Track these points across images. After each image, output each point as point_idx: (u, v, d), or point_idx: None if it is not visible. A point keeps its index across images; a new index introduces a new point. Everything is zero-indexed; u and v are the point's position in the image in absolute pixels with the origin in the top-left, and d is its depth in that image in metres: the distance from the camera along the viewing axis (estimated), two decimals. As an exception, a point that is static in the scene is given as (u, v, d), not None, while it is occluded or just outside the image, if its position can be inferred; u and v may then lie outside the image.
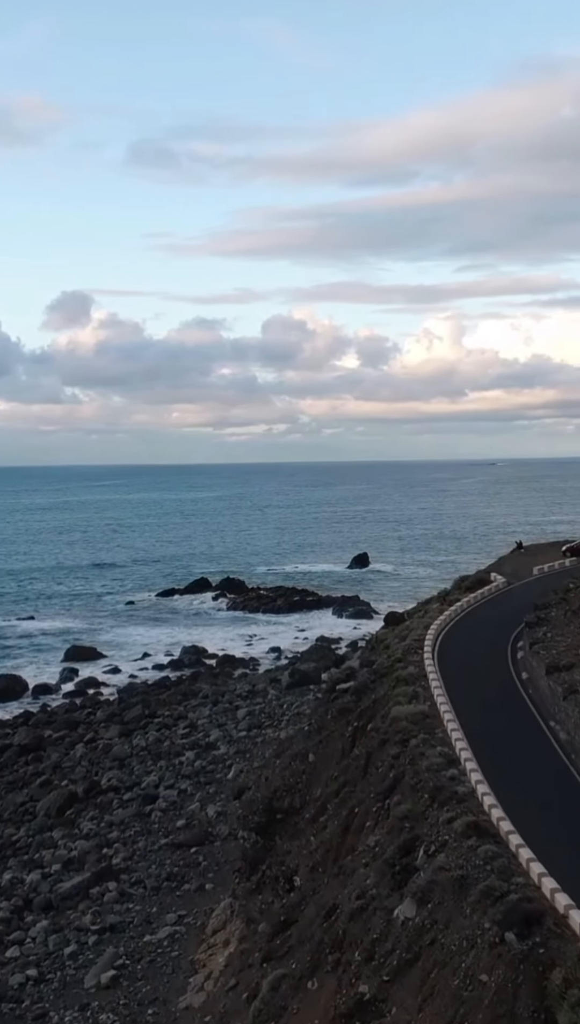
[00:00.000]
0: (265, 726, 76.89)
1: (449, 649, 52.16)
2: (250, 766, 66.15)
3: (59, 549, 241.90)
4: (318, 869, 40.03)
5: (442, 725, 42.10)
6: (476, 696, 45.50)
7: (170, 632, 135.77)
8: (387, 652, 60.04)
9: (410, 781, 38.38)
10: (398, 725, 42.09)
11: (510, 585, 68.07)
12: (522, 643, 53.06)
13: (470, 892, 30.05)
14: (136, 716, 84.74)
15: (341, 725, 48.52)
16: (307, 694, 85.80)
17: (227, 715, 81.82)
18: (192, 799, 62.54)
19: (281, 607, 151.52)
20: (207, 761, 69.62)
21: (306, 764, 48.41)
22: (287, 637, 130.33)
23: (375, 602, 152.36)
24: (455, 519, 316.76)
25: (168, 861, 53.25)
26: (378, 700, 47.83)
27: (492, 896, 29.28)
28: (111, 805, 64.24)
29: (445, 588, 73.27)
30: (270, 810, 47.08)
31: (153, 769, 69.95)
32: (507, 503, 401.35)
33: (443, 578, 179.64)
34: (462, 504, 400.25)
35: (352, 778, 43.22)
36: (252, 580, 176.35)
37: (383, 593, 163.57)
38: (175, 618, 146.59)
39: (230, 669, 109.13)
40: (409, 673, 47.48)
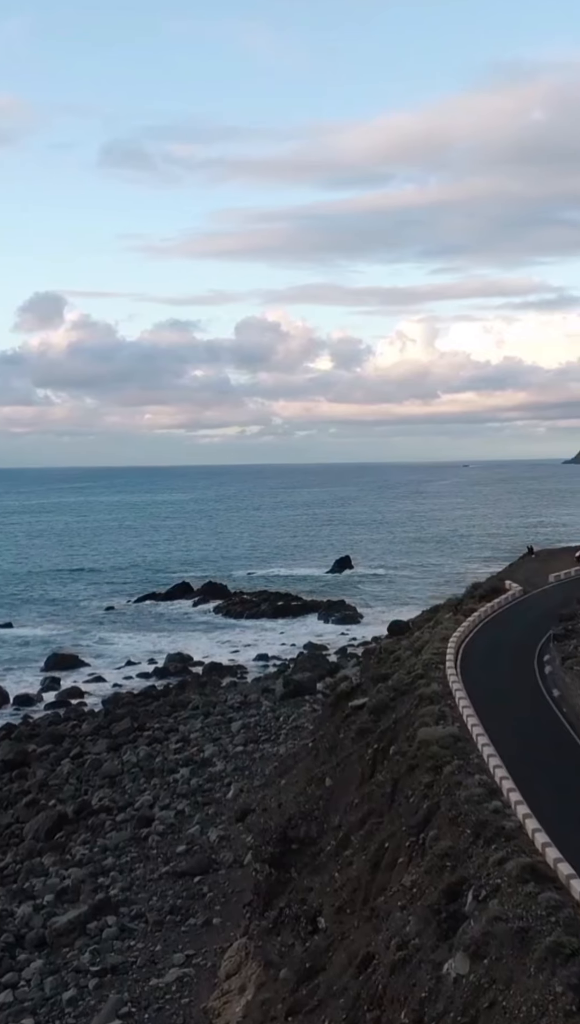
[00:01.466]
0: (262, 740, 73.37)
1: (472, 664, 48.93)
2: (250, 785, 62.67)
3: (33, 553, 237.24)
4: (345, 910, 36.60)
5: (476, 750, 38.81)
6: (507, 716, 42.28)
7: (153, 639, 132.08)
8: (398, 664, 56.77)
9: (448, 813, 35.05)
10: (429, 750, 38.74)
11: (526, 593, 65.01)
12: (548, 656, 49.95)
13: (534, 947, 26.70)
14: (125, 729, 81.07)
15: (360, 747, 45.15)
16: (303, 705, 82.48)
17: (220, 728, 78.26)
18: (191, 821, 58.94)
19: (265, 612, 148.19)
20: (203, 779, 66.02)
21: (322, 789, 45.01)
22: (274, 643, 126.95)
23: (361, 607, 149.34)
24: (434, 522, 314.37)
25: (170, 892, 49.64)
26: (400, 720, 44.50)
27: (562, 954, 25.91)
28: (103, 827, 60.59)
29: (454, 596, 70.14)
30: (285, 839, 43.64)
31: (146, 787, 66.30)
32: (485, 505, 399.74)
33: (428, 582, 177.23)
34: (439, 506, 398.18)
35: (378, 807, 39.84)
36: (233, 584, 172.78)
37: (368, 598, 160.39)
38: (157, 624, 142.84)
39: (218, 678, 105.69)
40: (433, 691, 44.18)
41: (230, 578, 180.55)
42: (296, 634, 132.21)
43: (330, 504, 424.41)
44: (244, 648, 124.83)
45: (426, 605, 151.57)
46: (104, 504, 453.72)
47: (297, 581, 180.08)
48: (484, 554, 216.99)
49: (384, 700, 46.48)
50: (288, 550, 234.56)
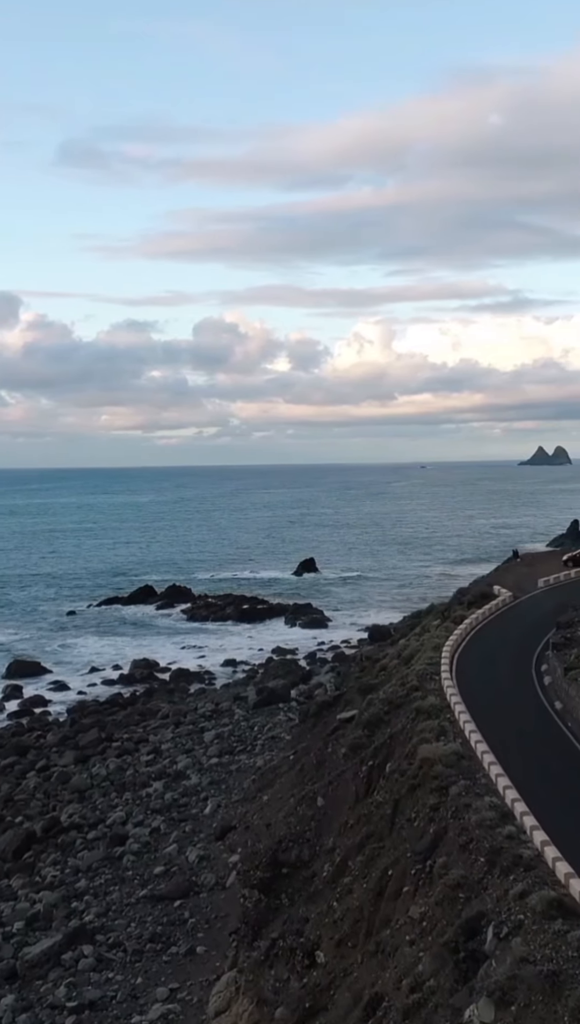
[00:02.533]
0: (237, 751, 70.63)
1: (468, 674, 46.56)
2: (229, 800, 59.97)
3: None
4: (347, 943, 34.06)
5: (482, 768, 36.44)
6: (510, 731, 39.96)
7: (117, 644, 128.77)
8: (386, 675, 54.41)
9: (457, 839, 32.63)
10: (432, 769, 36.35)
11: (516, 599, 62.82)
12: (546, 666, 47.75)
13: (567, 994, 24.40)
14: (92, 740, 78.05)
15: (353, 764, 42.66)
16: (277, 713, 79.90)
17: (193, 738, 75.45)
18: (167, 839, 56.11)
19: (231, 616, 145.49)
20: (178, 793, 63.20)
21: (314, 809, 42.45)
22: (241, 648, 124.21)
23: (328, 611, 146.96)
24: (397, 524, 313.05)
25: (149, 918, 46.78)
26: (395, 736, 42.06)
27: (599, 1002, 23.73)
28: (74, 846, 57.65)
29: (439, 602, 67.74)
30: (275, 863, 41.06)
31: (118, 802, 63.38)
32: (446, 507, 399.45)
33: (394, 584, 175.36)
34: (401, 508, 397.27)
35: (377, 830, 37.34)
36: (197, 587, 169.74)
37: (335, 601, 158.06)
38: (121, 629, 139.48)
39: (185, 684, 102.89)
40: (430, 704, 41.77)
41: (193, 581, 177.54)
42: (263, 639, 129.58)
43: (291, 506, 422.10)
44: (211, 653, 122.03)
45: (394, 608, 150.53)
46: (62, 506, 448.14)
47: (262, 584, 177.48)
48: (449, 556, 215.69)
49: (377, 714, 44.03)
50: (251, 552, 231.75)
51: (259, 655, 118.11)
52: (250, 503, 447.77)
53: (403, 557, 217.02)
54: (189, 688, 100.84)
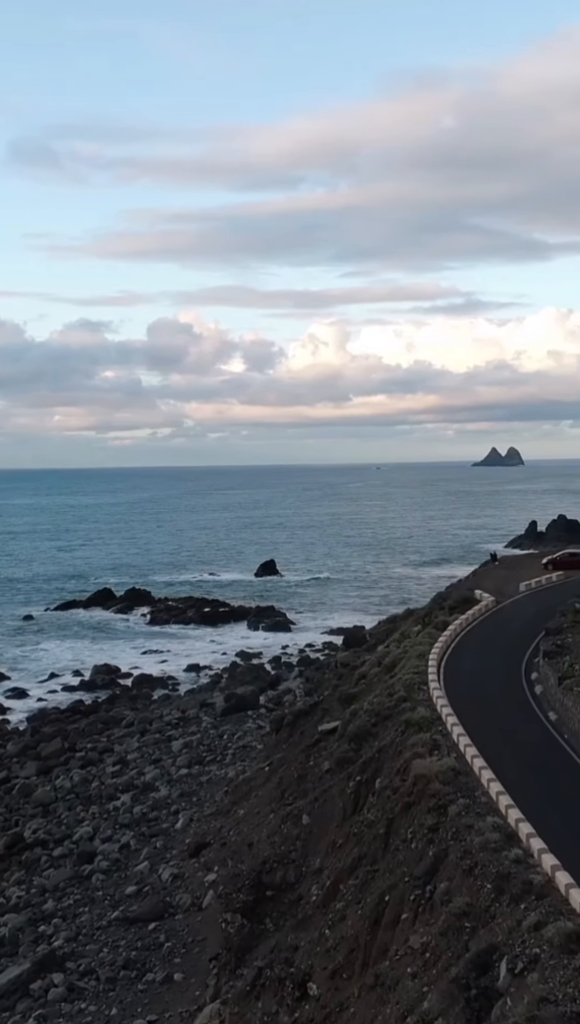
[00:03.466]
0: (207, 761, 68.24)
1: (456, 684, 44.61)
2: (201, 813, 57.62)
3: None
4: (342, 974, 31.95)
5: (481, 785, 34.49)
6: (506, 744, 38.09)
7: (76, 649, 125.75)
8: (367, 684, 52.42)
9: (460, 863, 30.67)
10: (429, 787, 34.38)
11: (499, 604, 61.05)
12: (537, 675, 45.96)
13: (596, 1037, 22.57)
14: (55, 750, 75.31)
15: (340, 779, 40.62)
16: (246, 721, 77.63)
17: (160, 748, 72.96)
18: (137, 856, 53.66)
19: (192, 619, 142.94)
20: (147, 806, 60.73)
21: (299, 828, 40.35)
22: (204, 652, 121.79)
23: (291, 613, 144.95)
24: (356, 525, 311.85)
25: (122, 942, 44.32)
26: (384, 749, 40.08)
27: (633, 1047, 21.87)
28: (39, 864, 55.05)
29: (409, 608, 65.87)
30: (259, 885, 38.92)
31: (85, 817, 60.82)
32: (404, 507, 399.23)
33: (356, 586, 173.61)
34: (359, 509, 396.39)
35: (370, 851, 35.31)
36: (157, 590, 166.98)
37: (297, 603, 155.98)
38: (80, 633, 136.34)
39: (149, 690, 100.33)
40: (421, 716, 39.80)
41: (153, 584, 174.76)
42: (226, 642, 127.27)
43: (248, 507, 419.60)
44: (173, 657, 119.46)
45: (358, 611, 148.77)
46: (14, 507, 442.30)
47: (222, 587, 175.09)
48: (411, 558, 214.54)
49: (363, 726, 42.00)
50: (210, 554, 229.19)
51: (223, 659, 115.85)
52: (207, 504, 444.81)
53: (364, 559, 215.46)
54: (152, 694, 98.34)
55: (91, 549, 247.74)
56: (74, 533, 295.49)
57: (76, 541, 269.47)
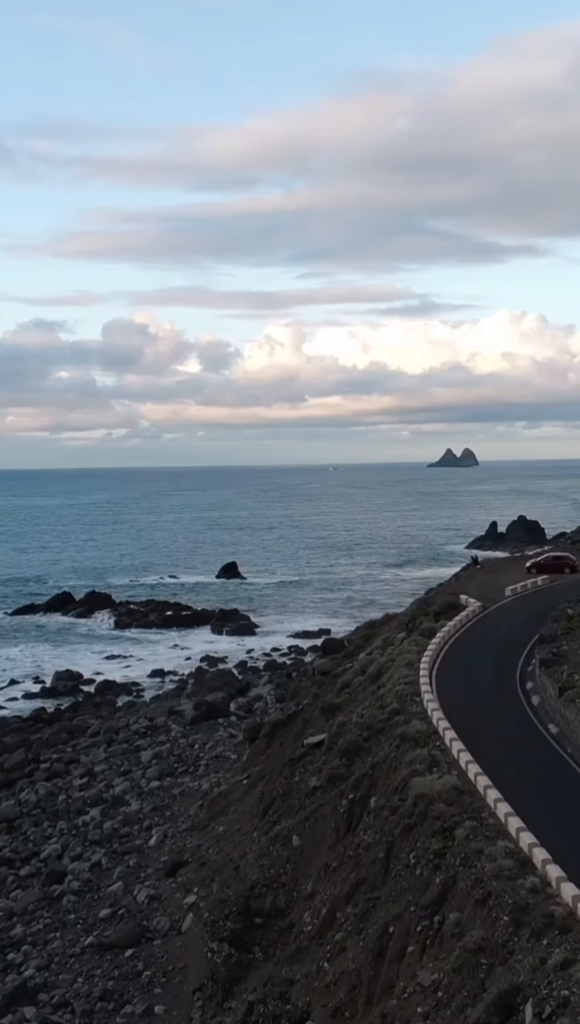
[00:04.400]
0: (179, 773, 65.69)
1: (450, 695, 42.52)
2: (176, 829, 55.15)
3: None
4: (343, 1012, 29.78)
5: (487, 806, 32.51)
6: (508, 761, 36.09)
7: (35, 654, 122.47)
8: (351, 694, 50.29)
9: (471, 892, 28.62)
10: (432, 808, 32.32)
11: (486, 610, 59.14)
12: (532, 684, 44.08)
13: None
14: (19, 762, 72.44)
15: (331, 797, 38.45)
16: (217, 729, 75.13)
17: (128, 758, 70.32)
18: (110, 876, 51.09)
19: (155, 623, 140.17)
20: (118, 821, 58.16)
21: (290, 849, 38.12)
22: (168, 657, 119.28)
23: (255, 616, 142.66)
24: (315, 525, 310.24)
25: (98, 971, 41.81)
26: (378, 765, 37.99)
27: None
28: (5, 884, 52.29)
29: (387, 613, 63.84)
30: (247, 911, 36.67)
31: (52, 833, 58.10)
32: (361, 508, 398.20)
33: (319, 588, 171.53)
34: (317, 509, 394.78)
35: (369, 877, 33.18)
36: (117, 593, 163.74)
37: (260, 606, 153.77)
38: (39, 638, 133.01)
39: (113, 697, 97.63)
40: (417, 730, 37.74)
41: (112, 587, 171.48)
42: (190, 646, 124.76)
43: (207, 508, 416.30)
44: (136, 663, 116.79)
45: (323, 613, 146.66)
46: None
47: (184, 589, 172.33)
48: (372, 559, 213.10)
49: (355, 740, 39.85)
50: (170, 556, 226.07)
51: (187, 664, 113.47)
52: (165, 506, 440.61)
53: (326, 560, 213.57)
54: (117, 701, 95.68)
55: (48, 552, 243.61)
56: (30, 535, 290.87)
57: (32, 543, 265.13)
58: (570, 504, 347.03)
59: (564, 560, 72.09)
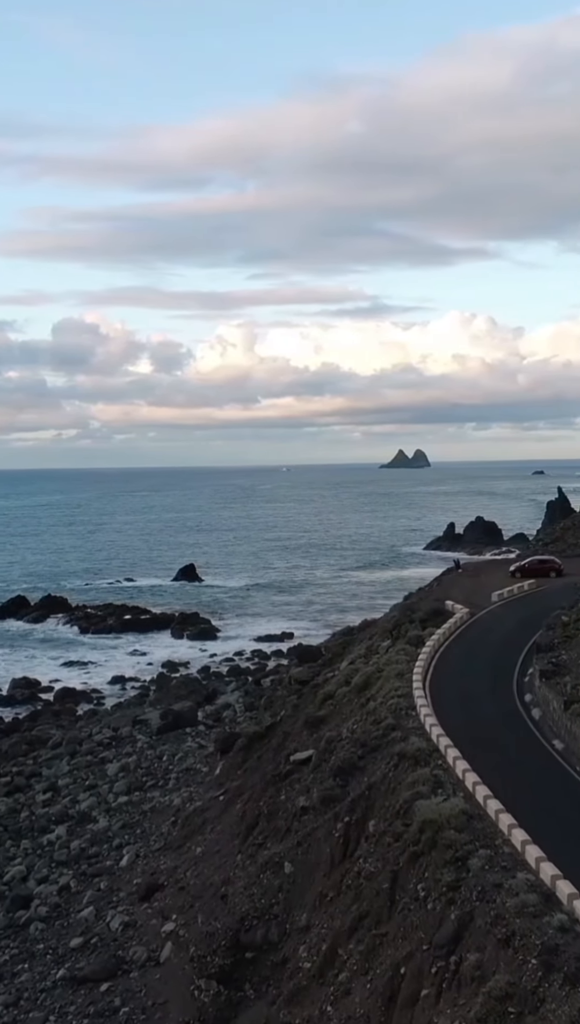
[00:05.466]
0: (148, 787, 62.86)
1: (446, 708, 40.08)
2: (148, 848, 52.37)
3: None
4: (352, 1061, 27.37)
5: (501, 833, 30.17)
6: (515, 781, 33.75)
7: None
8: (335, 706, 47.82)
9: (493, 931, 26.21)
10: (441, 835, 29.92)
11: (474, 616, 56.96)
12: (531, 696, 41.88)
13: None
14: (-23, 776, 69.31)
15: (325, 820, 35.94)
16: (185, 739, 72.36)
17: (94, 772, 67.33)
18: (80, 900, 48.22)
19: (113, 627, 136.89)
20: (86, 840, 55.26)
21: (281, 877, 35.54)
22: (127, 663, 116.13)
23: (215, 620, 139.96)
24: (271, 526, 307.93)
25: (72, 1008, 38.93)
26: (375, 786, 35.53)
27: None
28: (-33, 911, 49.36)
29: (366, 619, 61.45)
30: (237, 945, 34.08)
31: (16, 854, 55.05)
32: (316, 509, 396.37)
33: (278, 590, 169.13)
34: (273, 511, 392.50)
35: (372, 910, 30.70)
36: (73, 597, 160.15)
37: (220, 609, 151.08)
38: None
39: (73, 705, 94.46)
40: (416, 748, 35.33)
41: (68, 591, 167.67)
42: (151, 652, 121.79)
43: (161, 510, 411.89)
44: (95, 669, 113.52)
45: (284, 616, 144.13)
46: None
47: (142, 593, 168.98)
48: (331, 560, 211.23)
49: (349, 758, 37.36)
50: (126, 559, 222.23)
51: (148, 670, 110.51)
52: (118, 507, 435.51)
53: (285, 562, 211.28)
54: (77, 710, 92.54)
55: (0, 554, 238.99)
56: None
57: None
58: (528, 504, 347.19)
59: (549, 564, 70.22)
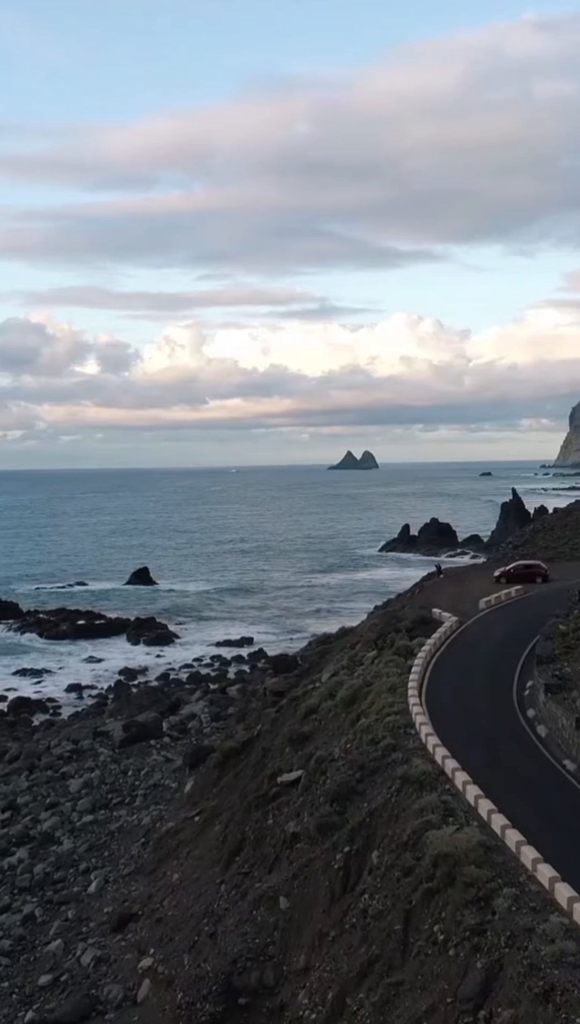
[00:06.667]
0: (114, 804, 59.65)
1: (446, 725, 37.44)
2: (117, 872, 49.27)
3: None
4: None
5: (523, 867, 27.59)
6: (529, 806, 31.18)
7: None
8: (321, 722, 45.04)
9: (528, 984, 23.50)
10: (459, 870, 27.28)
11: (463, 624, 54.48)
12: (535, 712, 39.43)
13: None
14: None
15: (323, 851, 33.14)
16: (150, 752, 69.15)
17: (55, 788, 63.99)
18: (47, 931, 45.03)
19: (67, 633, 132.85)
20: (50, 864, 52.01)
21: (277, 913, 32.70)
22: (83, 670, 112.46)
23: (172, 625, 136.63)
24: (224, 529, 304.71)
25: (43, 1055, 35.98)
26: (376, 813, 32.81)
27: None
28: None
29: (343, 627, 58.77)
30: (229, 991, 31.21)
31: (-26, 880, 51.82)
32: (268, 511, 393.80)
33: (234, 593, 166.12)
34: (224, 513, 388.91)
35: (383, 954, 27.95)
36: (24, 602, 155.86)
37: (177, 614, 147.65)
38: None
39: (28, 715, 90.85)
40: (421, 771, 32.66)
41: (17, 595, 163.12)
42: (107, 658, 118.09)
43: (111, 512, 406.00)
44: (50, 677, 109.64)
45: (243, 621, 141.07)
46: None
47: (96, 597, 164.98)
48: (285, 563, 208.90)
49: (347, 782, 34.59)
50: (77, 562, 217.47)
51: (105, 677, 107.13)
52: (67, 509, 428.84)
53: (240, 565, 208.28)
54: (32, 720, 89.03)
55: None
56: None
57: None
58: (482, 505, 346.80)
59: (535, 569, 68.04)
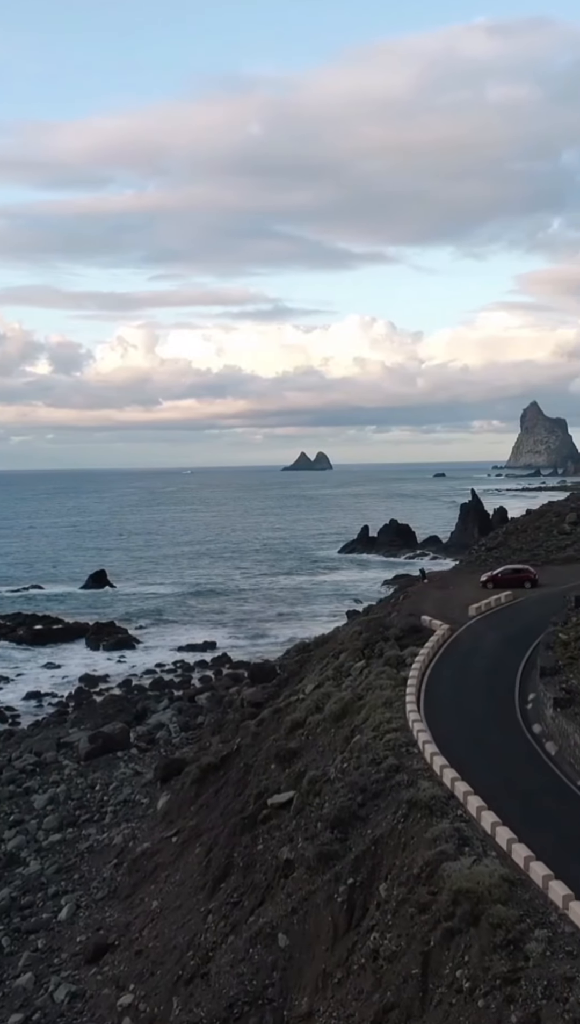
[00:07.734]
0: (82, 822, 56.74)
1: (450, 744, 35.04)
2: (90, 896, 46.44)
3: None
4: None
5: (553, 904, 25.24)
6: (546, 834, 28.78)
7: None
8: (307, 734, 42.54)
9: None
10: (482, 908, 24.90)
11: (454, 632, 52.19)
12: (541, 728, 37.17)
13: None
14: None
15: (325, 882, 30.63)
16: (118, 765, 66.30)
17: (18, 804, 60.96)
18: (15, 963, 42.15)
19: (23, 638, 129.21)
20: (16, 888, 49.06)
21: (276, 952, 30.13)
22: (42, 677, 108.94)
23: (132, 629, 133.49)
24: (181, 530, 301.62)
25: None
26: (382, 841, 30.36)
27: None
28: None
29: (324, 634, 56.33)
30: (225, 1038, 28.62)
31: None
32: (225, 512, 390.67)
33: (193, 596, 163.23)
34: (180, 514, 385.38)
35: (402, 1001, 25.44)
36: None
37: (137, 618, 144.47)
38: None
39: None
40: (430, 795, 30.23)
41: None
42: (66, 664, 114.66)
43: (64, 513, 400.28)
44: (7, 684, 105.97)
45: (204, 625, 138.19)
46: None
47: (52, 601, 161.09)
48: (245, 564, 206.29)
49: (347, 806, 32.09)
50: (31, 565, 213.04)
51: (65, 684, 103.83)
52: (18, 512, 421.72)
53: (197, 567, 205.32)
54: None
55: None
56: None
57: None
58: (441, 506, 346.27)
59: (524, 573, 65.98)
